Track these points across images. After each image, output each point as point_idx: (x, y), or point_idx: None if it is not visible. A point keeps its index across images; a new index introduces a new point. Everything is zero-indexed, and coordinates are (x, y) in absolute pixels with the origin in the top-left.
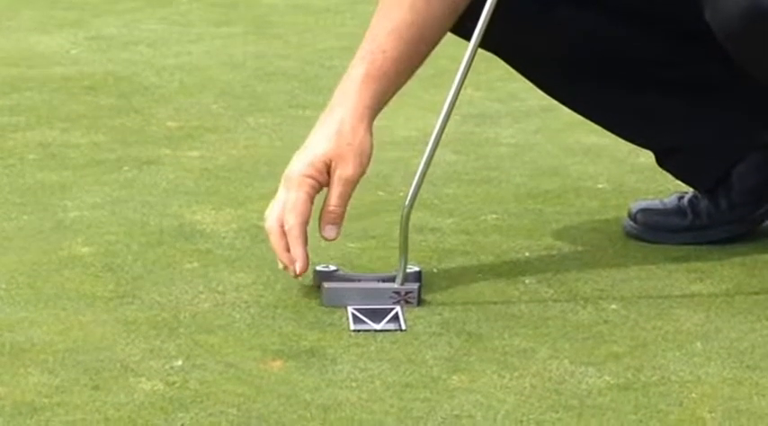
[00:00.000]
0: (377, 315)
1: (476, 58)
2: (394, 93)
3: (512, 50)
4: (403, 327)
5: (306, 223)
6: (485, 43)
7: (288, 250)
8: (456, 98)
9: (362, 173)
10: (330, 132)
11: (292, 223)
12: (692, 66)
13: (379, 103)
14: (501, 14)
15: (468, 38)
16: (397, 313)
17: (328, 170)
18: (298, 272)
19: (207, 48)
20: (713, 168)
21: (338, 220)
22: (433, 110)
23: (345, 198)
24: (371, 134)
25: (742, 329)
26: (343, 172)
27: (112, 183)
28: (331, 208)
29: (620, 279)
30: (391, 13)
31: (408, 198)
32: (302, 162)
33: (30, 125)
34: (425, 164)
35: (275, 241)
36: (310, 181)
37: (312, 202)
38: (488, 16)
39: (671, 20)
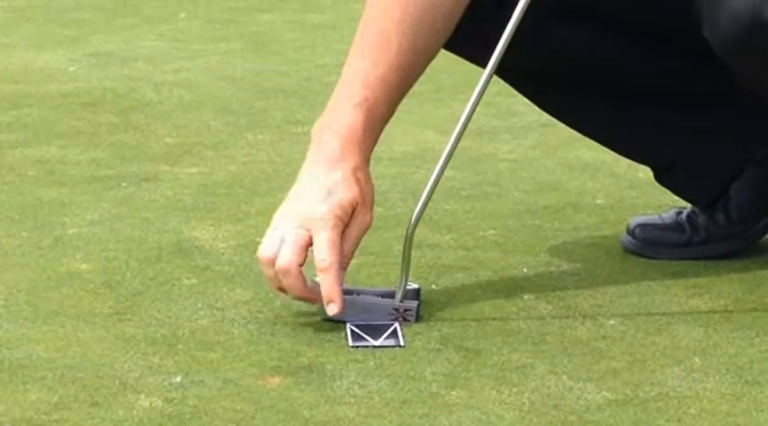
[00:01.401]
0: (375, 331)
1: (474, 74)
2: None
3: (508, 67)
4: (401, 343)
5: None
6: (482, 62)
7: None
8: (467, 123)
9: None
10: (348, 179)
11: (332, 260)
12: (689, 80)
13: (375, 144)
14: (498, 32)
15: (473, 59)
16: (395, 329)
17: (351, 215)
18: (335, 313)
19: (205, 65)
20: (711, 183)
21: (346, 265)
22: (431, 125)
23: (357, 244)
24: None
25: (740, 344)
26: (363, 218)
27: (111, 200)
28: (344, 252)
29: (619, 295)
30: (380, 57)
31: (413, 218)
32: (329, 204)
33: (28, 142)
34: (432, 185)
35: (295, 283)
36: (341, 223)
37: None
38: (507, 41)
39: (668, 35)
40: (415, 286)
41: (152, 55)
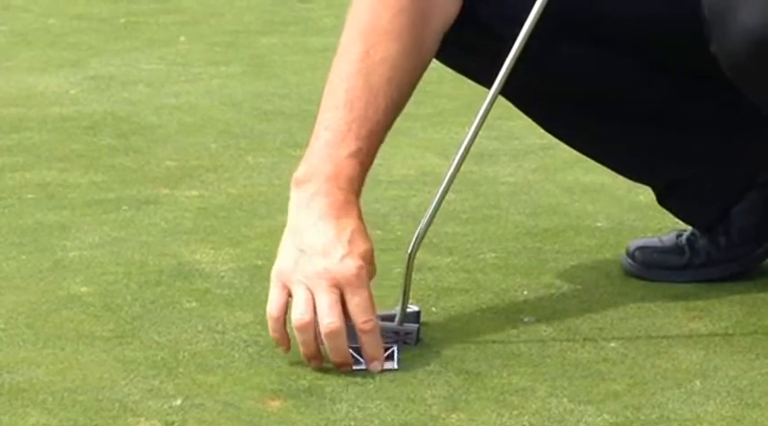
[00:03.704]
0: None
1: (474, 97)
2: None
3: (512, 86)
4: (396, 367)
5: None
6: (487, 81)
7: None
8: (471, 145)
9: None
10: (360, 229)
11: (375, 320)
12: (693, 103)
13: None
14: (505, 51)
15: (478, 79)
16: (393, 351)
17: None
18: (378, 370)
19: (206, 88)
20: (714, 206)
21: None
22: (432, 148)
23: None
24: None
25: (741, 367)
26: (374, 265)
27: (111, 223)
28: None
29: (619, 318)
30: (369, 112)
31: (414, 241)
32: (356, 259)
33: (28, 165)
34: (434, 208)
35: (342, 346)
36: (368, 277)
37: None
38: (512, 63)
39: (674, 57)
40: (416, 308)
41: (152, 78)
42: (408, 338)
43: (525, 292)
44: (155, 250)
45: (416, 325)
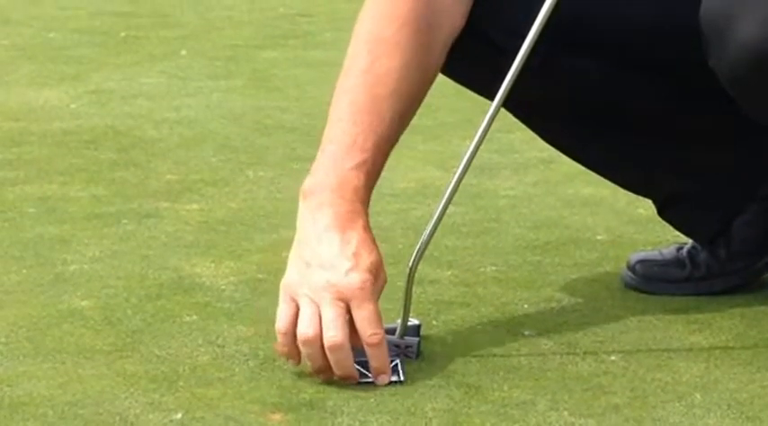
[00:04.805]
0: None
1: (475, 110)
2: None
3: (513, 98)
4: (402, 379)
5: None
6: (489, 93)
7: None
8: (472, 159)
9: None
10: (366, 240)
11: (381, 333)
12: (694, 115)
13: None
14: (504, 64)
15: (480, 90)
16: (396, 364)
17: None
18: (385, 382)
19: (206, 102)
20: (715, 219)
21: None
22: (433, 161)
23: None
24: None
25: (741, 380)
26: (384, 276)
27: (112, 237)
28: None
29: (620, 331)
30: (374, 126)
31: (415, 255)
32: (361, 271)
33: (29, 179)
34: (435, 222)
35: (346, 359)
36: (375, 289)
37: None
38: (515, 76)
39: (675, 69)
40: (416, 322)
41: (153, 92)
42: (409, 351)
43: (526, 305)
44: (155, 263)
45: (417, 339)
